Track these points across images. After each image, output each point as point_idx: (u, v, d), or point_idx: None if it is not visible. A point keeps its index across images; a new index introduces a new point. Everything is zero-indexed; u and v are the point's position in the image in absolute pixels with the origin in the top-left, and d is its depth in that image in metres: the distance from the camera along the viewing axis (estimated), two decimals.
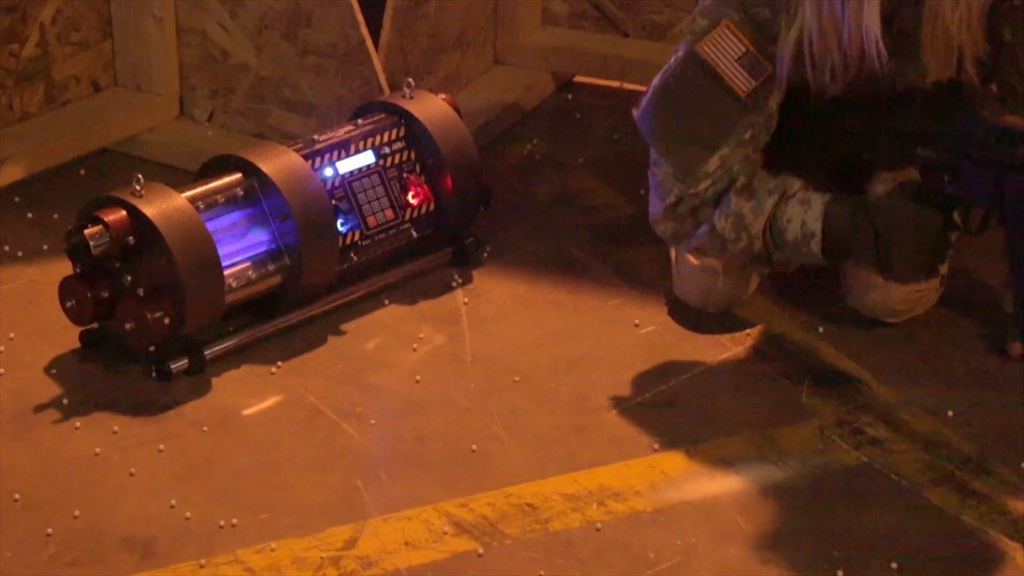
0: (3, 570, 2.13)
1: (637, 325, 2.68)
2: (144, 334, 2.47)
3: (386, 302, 2.75)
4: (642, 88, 3.41)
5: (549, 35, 3.48)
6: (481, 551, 2.17)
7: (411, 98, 2.82)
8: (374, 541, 2.19)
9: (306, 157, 2.68)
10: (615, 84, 3.48)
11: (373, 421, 2.44)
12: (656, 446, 2.38)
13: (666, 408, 2.47)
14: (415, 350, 2.62)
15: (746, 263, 2.61)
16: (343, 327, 2.68)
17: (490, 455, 2.36)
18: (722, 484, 2.30)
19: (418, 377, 2.54)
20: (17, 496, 2.26)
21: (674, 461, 2.35)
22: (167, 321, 2.47)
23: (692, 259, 2.64)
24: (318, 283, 2.66)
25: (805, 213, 2.49)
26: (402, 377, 2.55)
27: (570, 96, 3.47)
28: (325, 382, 2.53)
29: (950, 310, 2.68)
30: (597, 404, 2.48)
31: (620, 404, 2.47)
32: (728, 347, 2.61)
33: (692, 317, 2.68)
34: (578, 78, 3.51)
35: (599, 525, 2.22)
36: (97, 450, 2.36)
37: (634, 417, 2.45)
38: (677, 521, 2.23)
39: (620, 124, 3.35)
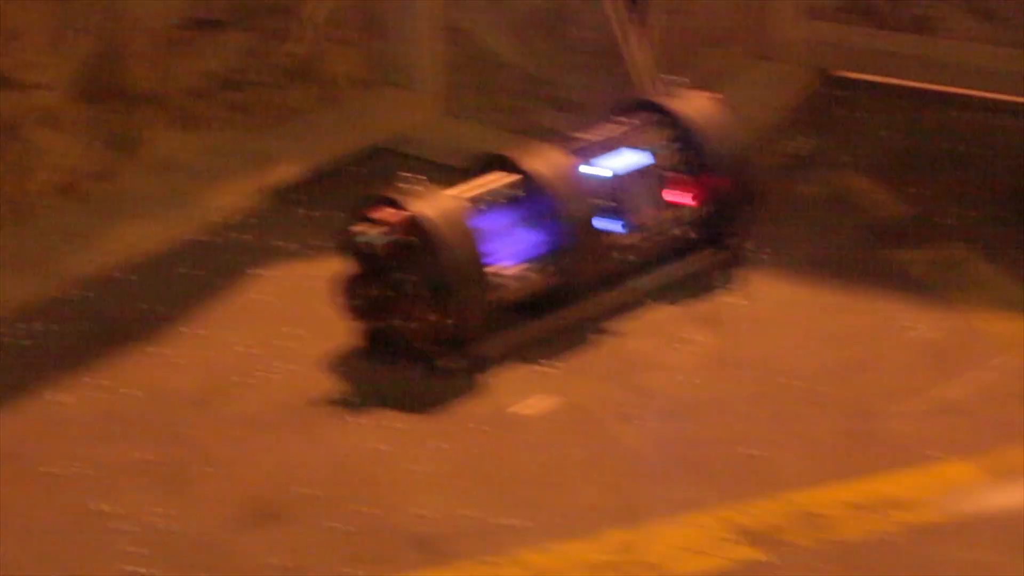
0: (296, 566, 2.15)
1: (913, 329, 2.61)
2: (421, 333, 2.49)
3: (651, 303, 2.73)
4: (906, 84, 3.36)
5: (814, 29, 3.41)
6: (768, 559, 2.13)
7: (676, 96, 2.80)
8: (653, 546, 2.17)
9: (572, 156, 2.67)
10: (881, 79, 3.40)
11: (643, 422, 2.43)
12: (940, 454, 2.31)
13: (950, 415, 2.40)
14: (682, 351, 2.59)
15: None
16: (609, 327, 2.66)
17: (764, 460, 2.33)
18: (1013, 496, 2.23)
19: (686, 378, 2.52)
20: (302, 491, 2.30)
21: (960, 471, 2.28)
22: (443, 320, 2.49)
23: None
24: (584, 283, 2.65)
25: None
26: (670, 378, 2.53)
27: (836, 91, 3.40)
28: (594, 382, 2.52)
29: None
30: (875, 409, 2.42)
31: (899, 410, 2.41)
32: (1017, 351, 2.52)
33: (973, 321, 2.60)
34: (843, 73, 3.43)
35: (888, 536, 2.16)
36: (379, 447, 2.39)
37: (915, 424, 2.38)
38: (966, 534, 2.16)
39: (888, 120, 3.27)
